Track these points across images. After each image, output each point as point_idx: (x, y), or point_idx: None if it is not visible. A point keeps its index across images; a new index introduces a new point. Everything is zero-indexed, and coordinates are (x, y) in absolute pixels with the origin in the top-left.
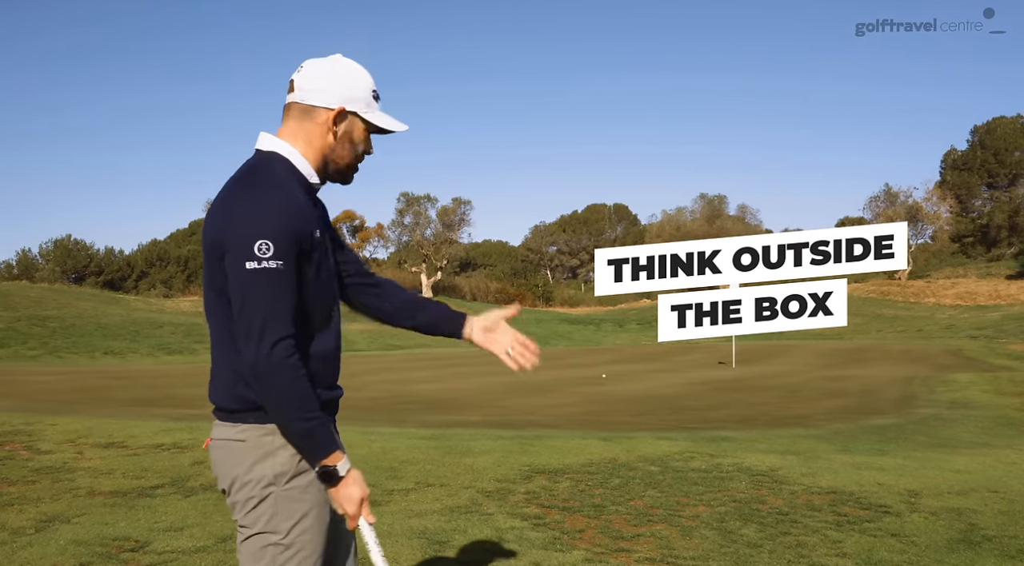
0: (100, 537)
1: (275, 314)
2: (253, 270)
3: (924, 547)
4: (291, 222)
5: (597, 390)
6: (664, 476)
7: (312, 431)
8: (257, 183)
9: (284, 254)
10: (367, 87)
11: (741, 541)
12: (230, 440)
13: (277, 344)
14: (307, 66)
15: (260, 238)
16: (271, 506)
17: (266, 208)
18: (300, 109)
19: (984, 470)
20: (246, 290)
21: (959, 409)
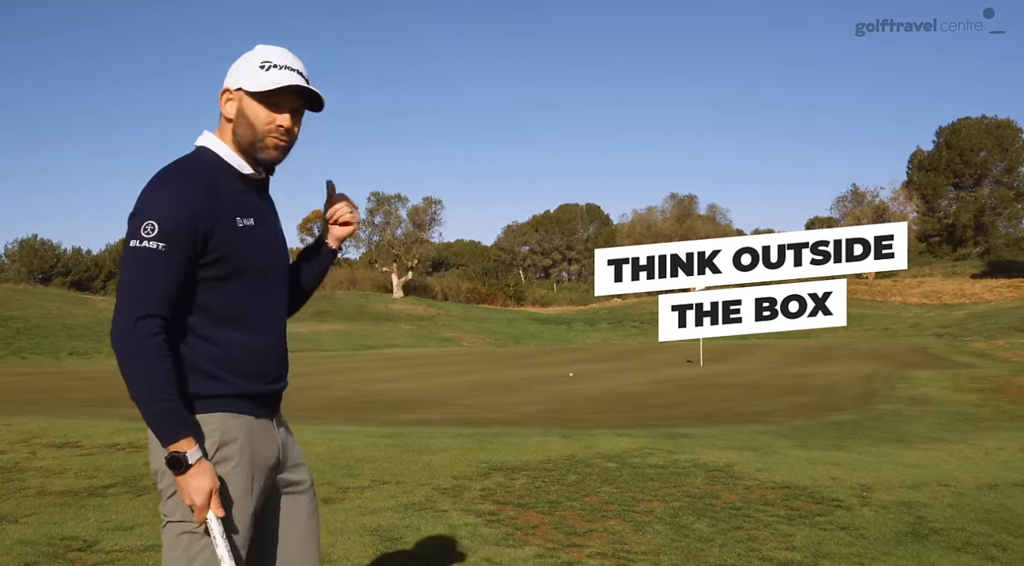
0: (47, 537)
1: (146, 292)
2: (134, 248)
3: (872, 540)
4: (185, 207)
5: (562, 389)
6: (621, 472)
7: (162, 414)
8: (169, 173)
9: (168, 237)
10: (254, 61)
11: (693, 535)
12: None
13: (140, 321)
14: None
15: (148, 219)
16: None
17: (162, 193)
18: (224, 111)
19: (936, 464)
20: (125, 266)
21: (917, 405)
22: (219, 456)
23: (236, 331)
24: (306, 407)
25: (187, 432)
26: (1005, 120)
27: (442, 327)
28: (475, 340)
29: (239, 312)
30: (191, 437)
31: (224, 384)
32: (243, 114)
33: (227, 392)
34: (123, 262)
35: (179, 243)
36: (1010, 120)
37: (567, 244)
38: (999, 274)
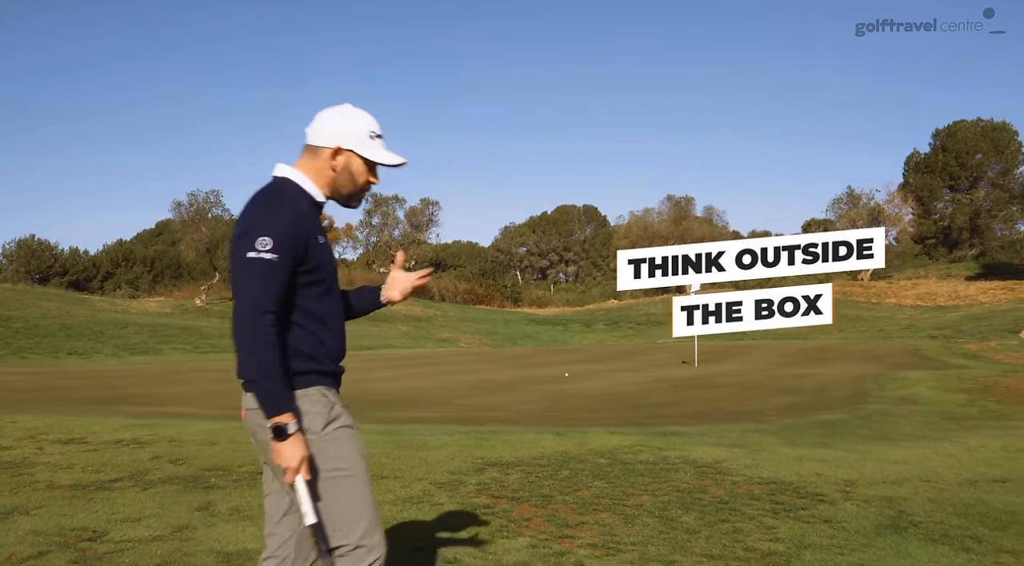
0: (58, 528)
1: (264, 294)
2: (252, 258)
3: (853, 532)
4: (292, 233)
5: (558, 388)
6: (612, 468)
7: (273, 392)
8: (273, 199)
9: (279, 250)
10: (364, 128)
11: (680, 527)
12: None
13: (260, 315)
14: (317, 115)
15: (263, 235)
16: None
17: (275, 217)
18: (309, 149)
19: (920, 461)
20: (244, 272)
21: (906, 405)
22: (333, 413)
23: (322, 325)
24: None
25: (289, 408)
26: (1001, 123)
27: (439, 328)
28: (472, 341)
29: (323, 311)
30: (291, 412)
31: (319, 364)
32: (349, 170)
33: (321, 369)
34: (240, 268)
35: (286, 255)
36: (1006, 123)
37: (564, 245)
38: (993, 276)
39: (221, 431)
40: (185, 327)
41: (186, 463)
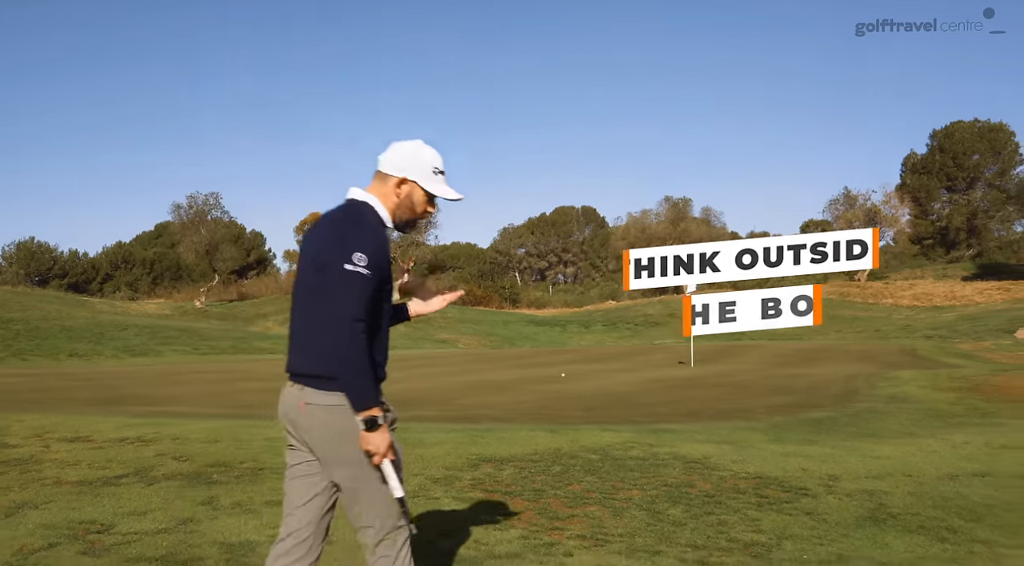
0: (67, 521)
1: (358, 303)
2: (351, 271)
3: (834, 524)
4: (381, 252)
5: (554, 388)
6: (603, 464)
7: (365, 388)
8: (360, 218)
9: (370, 266)
10: (429, 164)
11: (667, 520)
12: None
13: (355, 323)
14: (391, 146)
15: (359, 251)
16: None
17: (367, 237)
18: (379, 175)
19: (903, 457)
20: (342, 283)
21: (895, 403)
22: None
23: (376, 335)
24: None
25: (378, 403)
26: (998, 124)
27: (438, 329)
28: (471, 341)
29: (381, 321)
30: (379, 406)
31: (377, 370)
32: (410, 199)
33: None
34: (337, 279)
35: (376, 271)
36: (1003, 124)
37: (563, 247)
38: (989, 276)
39: (223, 429)
40: (185, 329)
41: (189, 460)
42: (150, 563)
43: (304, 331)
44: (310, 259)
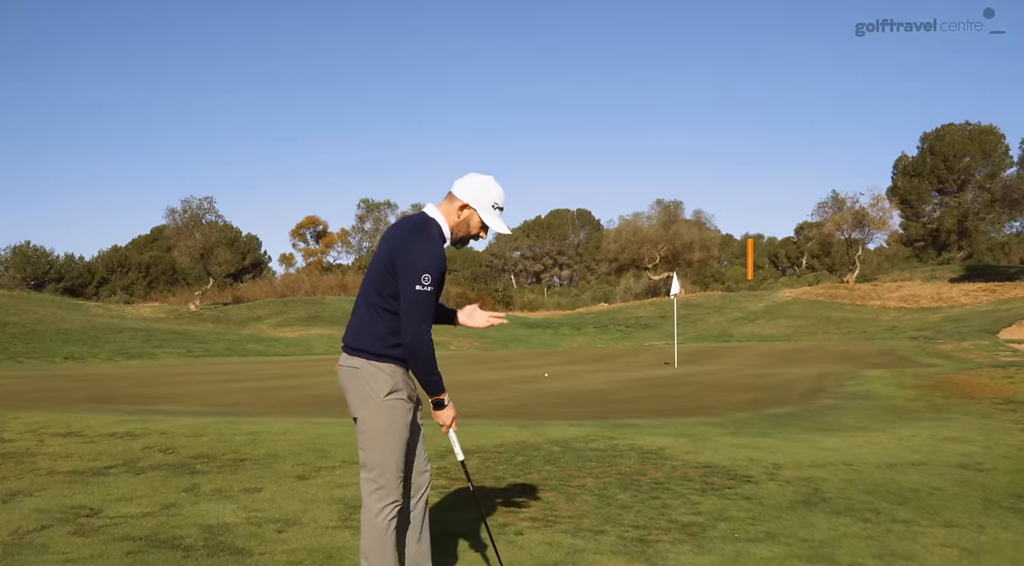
0: (59, 506)
1: (426, 317)
2: (419, 290)
3: (769, 507)
4: (440, 266)
5: (534, 387)
6: (564, 455)
7: (435, 380)
8: (428, 235)
9: (434, 283)
10: (491, 199)
11: (615, 504)
12: (368, 369)
13: (425, 333)
14: (469, 174)
15: (425, 272)
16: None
17: (431, 254)
18: (450, 196)
19: (849, 448)
20: (413, 301)
21: (856, 400)
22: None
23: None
24: (289, 403)
25: (443, 389)
26: (988, 126)
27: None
28: (463, 343)
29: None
30: (446, 392)
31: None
32: (467, 222)
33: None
34: (411, 296)
35: (436, 286)
36: (993, 126)
37: (558, 249)
38: (976, 278)
39: (209, 425)
40: (179, 332)
41: (175, 452)
42: (135, 542)
43: (358, 315)
44: (383, 257)
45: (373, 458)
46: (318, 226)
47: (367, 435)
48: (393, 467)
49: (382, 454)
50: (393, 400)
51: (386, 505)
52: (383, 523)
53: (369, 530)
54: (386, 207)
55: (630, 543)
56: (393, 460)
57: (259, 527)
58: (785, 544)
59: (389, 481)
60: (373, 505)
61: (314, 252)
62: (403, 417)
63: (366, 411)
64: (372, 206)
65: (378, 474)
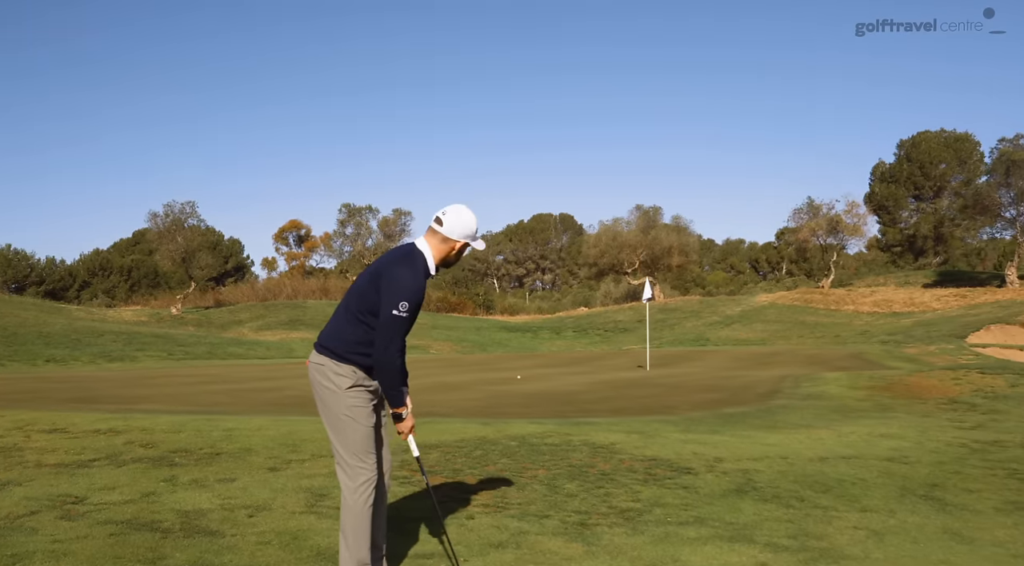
0: (47, 495)
1: (397, 338)
2: (396, 314)
3: (703, 495)
4: (418, 297)
5: (504, 388)
6: (520, 449)
7: (397, 394)
8: (412, 265)
9: (409, 310)
10: (473, 229)
11: (562, 492)
12: (332, 367)
13: (394, 352)
14: (449, 212)
15: (404, 300)
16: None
17: (413, 286)
18: (441, 237)
19: (790, 443)
20: (390, 323)
21: (809, 400)
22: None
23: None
24: (266, 403)
25: (404, 403)
26: (963, 134)
27: (410, 335)
28: (442, 347)
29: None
30: (405, 405)
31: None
32: (457, 252)
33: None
34: (388, 318)
35: (413, 313)
36: (968, 134)
37: (541, 254)
38: (949, 283)
39: (187, 422)
40: (161, 335)
41: (155, 447)
42: (117, 526)
43: (335, 319)
44: (370, 276)
45: (341, 442)
46: (301, 230)
47: (333, 423)
48: (359, 449)
49: (348, 438)
50: (354, 391)
51: (360, 483)
52: (360, 500)
53: (347, 509)
54: (367, 212)
55: (571, 526)
56: (358, 443)
57: (232, 512)
58: (711, 527)
59: (359, 462)
60: (348, 483)
61: (297, 256)
62: (364, 406)
63: (331, 401)
64: (354, 211)
65: (347, 455)
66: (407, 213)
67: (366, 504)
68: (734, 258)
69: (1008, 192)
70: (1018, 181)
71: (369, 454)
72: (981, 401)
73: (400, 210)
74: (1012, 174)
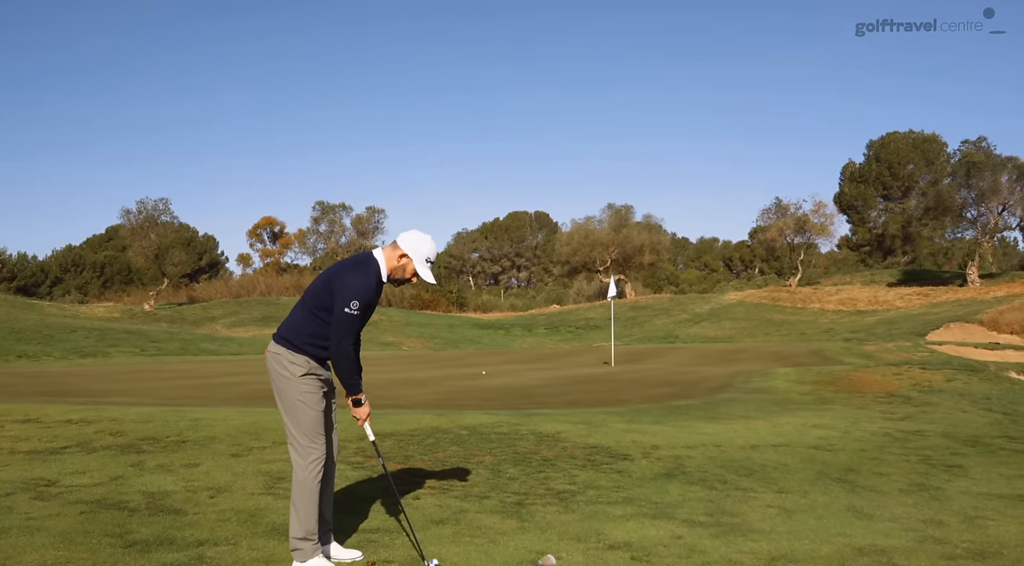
0: (21, 478)
1: (349, 333)
2: (347, 312)
3: (635, 478)
4: (368, 297)
5: (467, 384)
6: (469, 437)
7: (354, 384)
8: (366, 271)
9: (360, 309)
10: (425, 252)
11: (504, 476)
12: (287, 356)
13: (347, 345)
14: (410, 232)
15: (354, 299)
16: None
17: (363, 287)
18: (394, 244)
19: (726, 433)
20: (341, 320)
21: (755, 393)
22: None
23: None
24: (234, 396)
25: (360, 390)
26: (931, 134)
27: (383, 332)
28: (414, 344)
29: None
30: (362, 393)
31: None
32: (404, 268)
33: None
34: (340, 315)
35: (362, 311)
36: (935, 135)
37: (516, 251)
38: (913, 282)
39: (156, 413)
40: (133, 331)
41: (124, 435)
42: (87, 505)
43: (293, 314)
44: (326, 277)
45: (293, 424)
46: (275, 227)
47: (287, 407)
48: (310, 431)
49: (300, 420)
50: (307, 379)
51: (310, 461)
52: (310, 476)
53: (298, 484)
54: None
55: (508, 505)
56: (310, 425)
57: (194, 494)
58: (637, 506)
59: (309, 442)
60: (299, 461)
61: (271, 253)
62: (315, 392)
63: (284, 387)
64: (328, 208)
65: (299, 435)
66: (380, 211)
67: (315, 480)
68: (708, 256)
69: (969, 193)
70: (979, 182)
71: (319, 436)
72: (916, 395)
73: (374, 208)
74: (972, 176)
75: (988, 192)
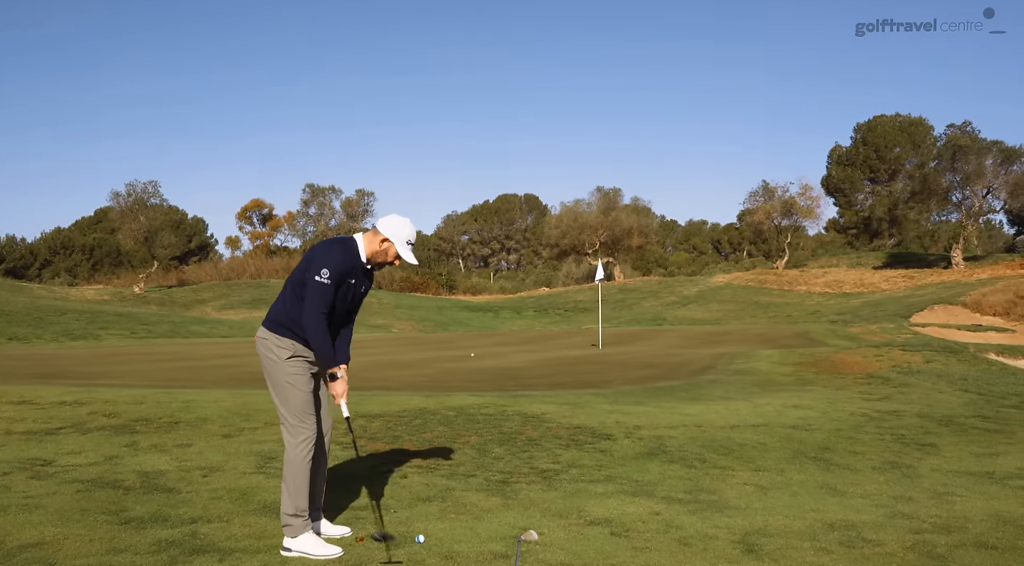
0: (17, 458)
1: (321, 303)
2: (318, 281)
3: (617, 458)
4: (340, 267)
5: (455, 365)
6: (456, 418)
7: (328, 355)
8: (339, 244)
9: (332, 278)
10: (406, 235)
11: (490, 455)
12: (274, 341)
13: (320, 315)
14: (389, 216)
15: (324, 267)
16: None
17: (336, 257)
18: (375, 229)
19: (707, 414)
20: (312, 289)
21: (737, 375)
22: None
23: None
24: (225, 378)
25: (337, 364)
26: (917, 118)
27: (373, 314)
28: (404, 326)
29: (337, 317)
30: (341, 365)
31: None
32: (386, 251)
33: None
34: (311, 285)
35: (334, 282)
36: (922, 118)
37: (506, 234)
38: (898, 265)
39: (148, 395)
40: (123, 314)
41: (117, 416)
42: (83, 484)
43: (278, 299)
44: (306, 258)
45: (283, 405)
46: (264, 209)
47: (276, 389)
48: (299, 411)
49: (289, 401)
50: (293, 361)
51: (300, 440)
52: (300, 454)
53: (289, 462)
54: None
55: (493, 484)
56: (299, 405)
57: (188, 473)
58: (618, 484)
59: (299, 421)
60: (290, 440)
61: (261, 235)
62: (302, 374)
63: (273, 370)
64: (317, 191)
65: (289, 416)
66: (370, 194)
67: (305, 458)
68: (697, 239)
69: (954, 176)
70: (964, 166)
71: (308, 415)
72: (895, 376)
73: (363, 191)
74: (958, 159)
75: (973, 176)
